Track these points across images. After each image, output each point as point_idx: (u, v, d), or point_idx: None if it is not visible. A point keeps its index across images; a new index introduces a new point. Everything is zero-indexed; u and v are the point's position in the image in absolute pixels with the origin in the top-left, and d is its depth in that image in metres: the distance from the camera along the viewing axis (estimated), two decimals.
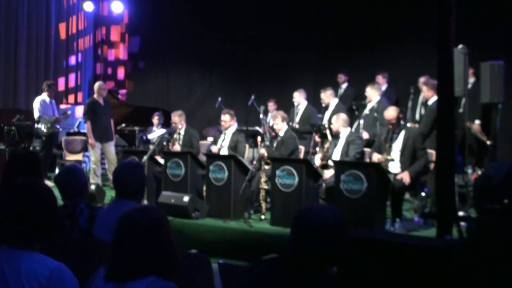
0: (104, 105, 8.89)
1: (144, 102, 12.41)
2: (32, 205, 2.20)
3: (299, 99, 9.01)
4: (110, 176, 8.62)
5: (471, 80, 7.65)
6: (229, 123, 7.72)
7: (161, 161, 7.62)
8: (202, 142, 8.67)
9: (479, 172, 7.05)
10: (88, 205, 3.59)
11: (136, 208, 2.21)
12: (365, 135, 7.66)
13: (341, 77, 9.92)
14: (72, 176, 3.62)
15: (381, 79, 9.21)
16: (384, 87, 9.19)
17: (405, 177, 5.92)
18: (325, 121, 8.34)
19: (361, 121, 7.96)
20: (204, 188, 7.15)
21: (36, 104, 9.30)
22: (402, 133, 6.21)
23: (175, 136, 7.97)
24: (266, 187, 6.75)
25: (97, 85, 9.03)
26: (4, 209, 2.21)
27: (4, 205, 2.23)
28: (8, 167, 3.77)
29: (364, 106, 8.26)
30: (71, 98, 13.62)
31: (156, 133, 8.78)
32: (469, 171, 6.87)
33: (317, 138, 8.22)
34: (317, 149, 7.83)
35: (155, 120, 9.12)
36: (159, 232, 2.13)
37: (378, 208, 5.89)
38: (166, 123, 9.43)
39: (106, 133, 8.81)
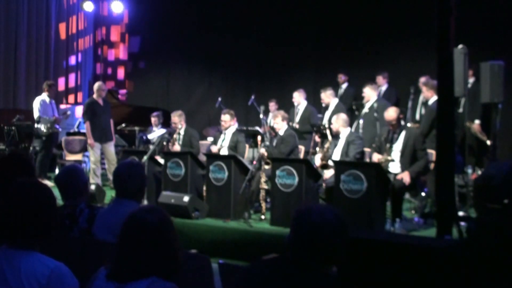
0: (103, 105, 8.89)
1: (144, 102, 12.41)
2: (31, 205, 2.20)
3: (299, 99, 9.01)
4: (110, 176, 8.63)
5: (471, 80, 7.65)
6: (229, 123, 7.72)
7: (161, 161, 7.62)
8: (202, 142, 8.66)
9: (479, 172, 7.04)
10: (88, 205, 3.58)
11: (143, 209, 2.20)
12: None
13: (341, 77, 9.93)
14: (72, 176, 3.62)
15: (381, 80, 9.21)
16: (384, 87, 9.20)
17: (405, 177, 5.92)
18: (325, 121, 8.34)
19: (361, 121, 7.96)
20: (204, 188, 7.15)
21: (36, 104, 9.30)
22: (403, 134, 6.21)
23: (175, 136, 7.97)
24: (266, 187, 6.75)
25: (96, 85, 9.03)
26: (4, 209, 2.21)
27: (3, 205, 2.22)
28: None
29: (364, 106, 8.26)
30: (71, 98, 13.63)
31: (156, 133, 8.78)
32: (469, 171, 6.86)
33: (317, 138, 8.22)
34: (317, 149, 7.83)
35: (154, 120, 9.12)
36: (167, 233, 2.14)
37: (378, 208, 5.89)
38: (166, 123, 9.43)
39: (105, 133, 8.81)
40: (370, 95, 8.01)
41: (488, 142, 7.29)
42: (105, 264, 2.20)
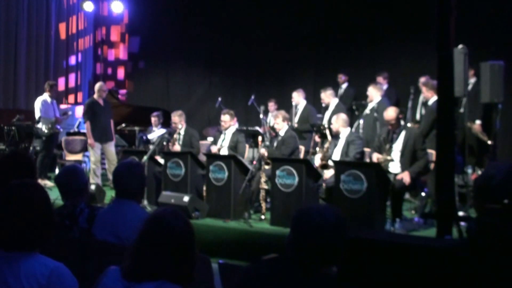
0: (103, 106, 8.89)
1: (144, 102, 12.41)
2: (26, 206, 2.17)
3: (298, 99, 9.00)
4: (110, 176, 8.62)
5: (472, 80, 7.64)
6: (229, 123, 7.72)
7: (161, 161, 7.62)
8: (202, 142, 8.66)
9: (479, 172, 7.04)
10: (88, 205, 3.58)
11: (168, 212, 2.18)
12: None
13: (341, 77, 9.92)
14: (72, 176, 3.61)
15: (381, 80, 9.18)
16: (384, 87, 9.18)
17: (405, 177, 5.91)
18: (325, 121, 8.34)
19: (361, 121, 7.95)
20: (204, 188, 7.15)
21: (38, 104, 9.29)
22: (403, 134, 6.21)
23: (175, 136, 7.97)
24: (266, 187, 6.75)
25: (97, 85, 9.04)
26: None
27: None
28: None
29: (364, 106, 8.25)
30: (71, 98, 13.64)
31: (156, 133, 8.77)
32: (469, 171, 6.86)
33: (317, 138, 8.22)
34: (317, 149, 7.83)
35: (154, 120, 9.11)
36: (189, 241, 2.14)
37: (378, 208, 5.89)
38: (166, 123, 9.43)
39: (105, 134, 8.80)
40: (373, 95, 7.97)
41: (489, 142, 7.29)
42: (105, 264, 2.20)
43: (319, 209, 2.13)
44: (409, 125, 7.26)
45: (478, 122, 7.65)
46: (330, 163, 6.59)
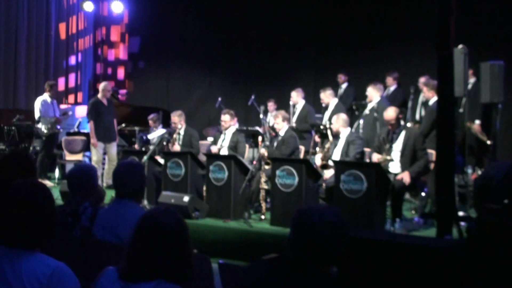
0: (107, 105, 8.92)
1: (144, 102, 12.41)
2: (29, 206, 2.19)
3: (297, 98, 8.97)
4: (108, 176, 8.66)
5: (471, 80, 7.65)
6: (229, 123, 7.72)
7: (161, 161, 7.62)
8: (202, 142, 8.66)
9: (479, 172, 7.04)
10: (91, 204, 3.59)
11: (160, 210, 2.17)
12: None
13: (341, 77, 9.92)
14: (85, 175, 3.65)
15: (391, 80, 9.10)
16: (393, 87, 9.12)
17: (405, 177, 5.91)
18: (325, 121, 8.33)
19: (361, 121, 7.95)
20: (204, 188, 7.15)
21: (37, 104, 9.29)
22: (403, 134, 6.21)
23: (175, 136, 7.97)
24: (266, 187, 6.75)
25: (102, 85, 9.08)
26: (2, 210, 2.20)
27: (1, 206, 2.21)
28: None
29: (364, 106, 8.24)
30: (71, 98, 13.64)
31: (156, 133, 8.77)
32: (469, 171, 6.86)
33: (317, 138, 8.21)
34: (317, 149, 7.83)
35: (150, 122, 9.11)
36: (183, 238, 2.13)
37: (378, 208, 5.88)
38: (166, 123, 9.43)
39: (109, 133, 8.83)
40: (372, 95, 7.91)
41: (489, 142, 7.29)
42: (105, 264, 2.20)
43: (319, 209, 2.13)
44: (409, 125, 7.26)
45: (478, 122, 7.65)
46: (330, 163, 6.59)
